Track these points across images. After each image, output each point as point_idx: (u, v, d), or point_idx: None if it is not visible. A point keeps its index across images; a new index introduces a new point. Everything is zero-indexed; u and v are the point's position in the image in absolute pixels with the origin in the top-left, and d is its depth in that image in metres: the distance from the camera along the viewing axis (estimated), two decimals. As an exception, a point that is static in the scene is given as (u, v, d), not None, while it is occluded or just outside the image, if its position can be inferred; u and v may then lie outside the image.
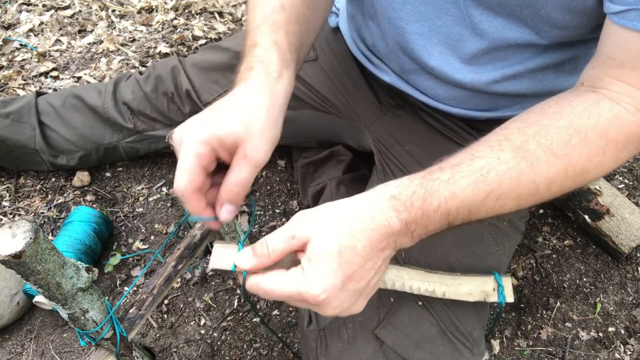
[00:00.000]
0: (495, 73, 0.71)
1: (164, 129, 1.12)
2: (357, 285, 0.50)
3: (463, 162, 0.54)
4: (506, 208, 0.55)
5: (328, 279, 0.48)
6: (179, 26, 1.71)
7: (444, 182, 0.52)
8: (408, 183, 0.53)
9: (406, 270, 0.64)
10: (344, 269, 0.49)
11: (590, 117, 0.54)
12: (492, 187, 0.52)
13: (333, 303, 0.50)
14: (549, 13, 0.59)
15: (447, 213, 0.52)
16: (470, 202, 0.52)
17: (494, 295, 0.68)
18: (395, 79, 0.83)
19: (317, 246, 0.49)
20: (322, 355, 0.70)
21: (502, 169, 0.52)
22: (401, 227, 0.51)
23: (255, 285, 0.52)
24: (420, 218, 0.52)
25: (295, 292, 0.49)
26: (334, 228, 0.49)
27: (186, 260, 0.85)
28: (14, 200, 1.21)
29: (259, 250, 0.51)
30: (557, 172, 0.53)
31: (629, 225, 1.06)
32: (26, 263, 0.53)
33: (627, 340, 1.00)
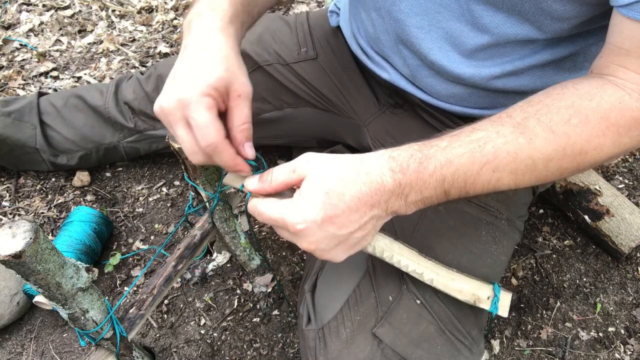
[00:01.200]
0: (495, 69, 0.71)
1: (165, 129, 1.12)
2: (337, 231, 0.53)
3: (462, 133, 0.56)
4: (503, 183, 0.56)
5: (309, 212, 0.52)
6: (179, 26, 1.72)
7: (441, 149, 0.54)
8: (407, 147, 0.55)
9: (398, 245, 0.64)
10: (327, 209, 0.52)
11: (592, 100, 0.54)
12: (488, 158, 0.54)
13: (309, 237, 0.53)
14: (551, 5, 0.60)
15: (442, 179, 0.54)
16: (466, 170, 0.54)
17: (486, 303, 0.68)
18: (394, 77, 0.83)
19: (310, 183, 0.53)
20: (321, 354, 0.70)
21: (500, 142, 0.54)
22: (394, 187, 0.53)
23: (253, 207, 0.57)
24: (415, 181, 0.54)
25: (280, 217, 0.54)
26: (329, 171, 0.53)
27: (186, 260, 0.85)
28: (14, 200, 1.21)
29: (264, 177, 0.57)
30: (555, 150, 0.54)
31: (629, 225, 1.06)
32: (26, 263, 0.53)
33: (627, 340, 1.00)
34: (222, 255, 1.11)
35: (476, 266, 0.74)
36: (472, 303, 0.67)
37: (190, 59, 0.59)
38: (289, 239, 0.57)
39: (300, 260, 1.12)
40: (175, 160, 1.30)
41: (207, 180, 0.79)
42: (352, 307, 0.71)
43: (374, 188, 0.53)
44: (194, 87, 0.55)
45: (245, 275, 1.10)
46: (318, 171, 0.54)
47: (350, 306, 0.71)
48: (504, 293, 0.69)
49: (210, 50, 0.58)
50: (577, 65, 0.72)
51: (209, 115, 0.55)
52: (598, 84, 0.56)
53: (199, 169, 0.76)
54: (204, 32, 0.60)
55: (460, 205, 0.78)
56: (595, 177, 1.14)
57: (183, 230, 1.18)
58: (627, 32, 0.54)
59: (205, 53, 0.58)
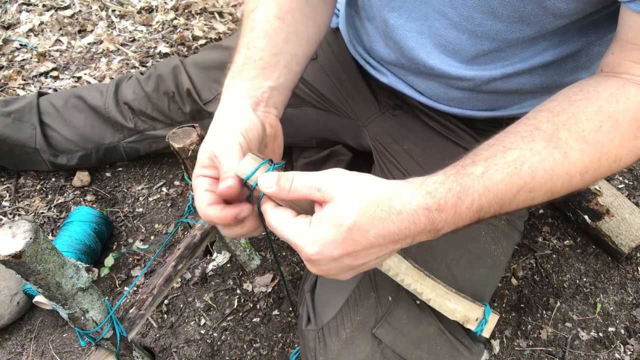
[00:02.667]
0: (495, 71, 0.71)
1: (165, 129, 1.12)
2: (353, 262, 0.50)
3: (496, 155, 0.52)
4: (537, 200, 0.54)
5: (327, 246, 0.48)
6: (179, 26, 1.72)
7: (478, 177, 0.51)
8: (444, 179, 0.51)
9: (406, 264, 0.63)
10: (347, 245, 0.48)
11: (618, 102, 0.53)
12: (525, 180, 0.51)
13: (321, 267, 0.50)
14: (554, 4, 0.59)
15: (480, 209, 0.51)
16: (503, 196, 0.51)
17: (473, 324, 0.68)
18: (393, 80, 0.83)
19: (334, 211, 0.48)
20: (321, 354, 0.70)
21: (536, 160, 0.51)
22: (426, 225, 0.50)
23: (265, 212, 0.54)
24: (452, 217, 0.51)
25: (293, 241, 0.50)
26: (358, 203, 0.48)
27: (186, 260, 0.85)
28: (14, 200, 1.21)
29: (282, 183, 0.51)
30: (591, 161, 0.52)
31: (629, 225, 1.06)
32: (26, 263, 0.53)
33: (627, 340, 1.00)
34: (222, 255, 1.11)
35: (476, 266, 0.74)
36: (461, 322, 0.68)
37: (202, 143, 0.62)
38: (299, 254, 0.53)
39: (300, 260, 1.12)
40: (175, 160, 1.30)
41: (207, 180, 0.79)
42: (351, 307, 0.71)
43: (403, 228, 0.49)
44: (195, 171, 0.60)
45: (245, 275, 1.10)
46: (346, 200, 0.48)
47: (350, 306, 0.71)
48: (492, 316, 0.70)
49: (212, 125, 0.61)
50: (580, 65, 0.71)
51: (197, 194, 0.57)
52: (619, 85, 0.54)
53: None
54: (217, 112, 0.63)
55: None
56: (595, 177, 1.14)
57: (183, 230, 1.18)
58: (638, 28, 0.53)
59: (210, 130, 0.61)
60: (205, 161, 0.59)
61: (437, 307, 0.67)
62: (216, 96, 1.05)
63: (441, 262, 0.73)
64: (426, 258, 0.72)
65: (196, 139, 0.72)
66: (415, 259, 0.72)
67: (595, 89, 0.55)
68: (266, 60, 0.67)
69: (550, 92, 0.76)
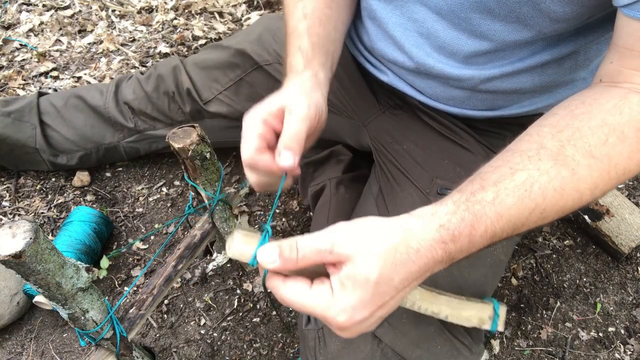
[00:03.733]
0: (494, 71, 0.71)
1: (165, 129, 1.12)
2: (383, 312, 0.48)
3: (505, 178, 0.51)
4: (548, 220, 0.52)
5: (358, 309, 0.45)
6: (179, 26, 1.72)
7: (490, 203, 0.49)
8: (454, 209, 0.49)
9: (419, 291, 0.62)
10: (376, 300, 0.46)
11: (622, 113, 0.52)
12: (536, 202, 0.50)
13: (354, 329, 0.47)
14: (549, 6, 0.59)
15: (493, 235, 0.50)
16: (516, 220, 0.50)
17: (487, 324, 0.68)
18: (393, 79, 0.83)
19: (356, 271, 0.45)
20: (321, 354, 0.70)
21: (544, 180, 0.50)
22: (443, 258, 0.49)
23: (274, 289, 0.49)
24: (467, 246, 0.49)
25: (320, 314, 0.46)
26: (377, 255, 0.45)
27: (186, 260, 0.85)
28: (14, 200, 1.21)
29: (287, 253, 0.47)
30: (600, 176, 0.51)
31: (629, 225, 1.06)
32: (26, 263, 0.53)
33: (627, 340, 1.00)
34: (222, 255, 1.11)
35: (476, 266, 0.74)
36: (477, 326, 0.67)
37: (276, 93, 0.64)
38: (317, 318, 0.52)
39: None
40: (175, 160, 1.30)
41: (207, 180, 0.79)
42: (352, 307, 0.71)
43: (422, 265, 0.47)
44: (257, 113, 0.61)
45: (245, 275, 1.10)
46: (364, 255, 0.45)
47: (350, 306, 0.71)
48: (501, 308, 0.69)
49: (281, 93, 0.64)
50: (579, 63, 0.71)
51: (250, 138, 0.60)
52: (620, 95, 0.53)
53: (199, 169, 0.76)
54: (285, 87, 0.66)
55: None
56: (595, 177, 1.14)
57: (183, 230, 1.18)
58: (637, 34, 0.53)
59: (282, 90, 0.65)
60: (275, 109, 0.61)
61: (455, 320, 0.64)
62: (216, 95, 1.05)
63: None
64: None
65: (196, 139, 0.72)
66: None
67: (597, 101, 0.54)
68: (327, 47, 0.71)
69: (549, 91, 0.76)
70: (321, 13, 0.73)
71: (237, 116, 1.05)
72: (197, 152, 0.73)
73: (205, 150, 0.74)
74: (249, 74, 1.01)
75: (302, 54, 0.69)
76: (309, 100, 0.62)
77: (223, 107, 1.05)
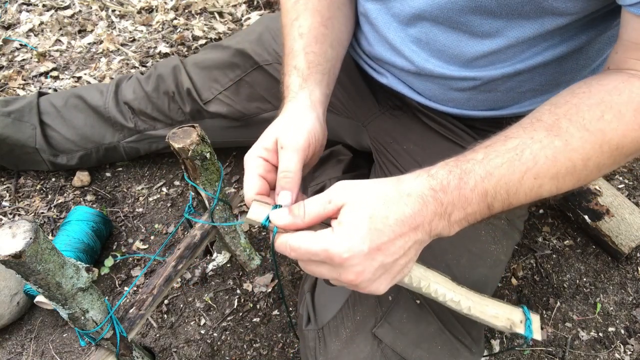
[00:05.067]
0: (495, 72, 0.71)
1: (165, 129, 1.12)
2: (385, 259, 0.51)
3: (496, 143, 0.54)
4: (545, 189, 0.54)
5: (355, 240, 0.49)
6: (179, 26, 1.72)
7: (479, 162, 0.53)
8: (443, 164, 0.54)
9: (432, 273, 0.62)
10: (373, 236, 0.49)
11: (621, 94, 0.54)
12: (527, 166, 0.52)
13: (355, 267, 0.50)
14: (551, 3, 0.60)
15: (485, 193, 0.52)
16: (507, 181, 0.52)
17: (520, 327, 0.64)
18: (392, 81, 0.83)
19: (350, 209, 0.50)
20: (321, 354, 0.70)
21: (537, 147, 0.53)
22: (436, 208, 0.51)
23: (283, 244, 0.53)
24: (458, 199, 0.52)
25: (322, 249, 0.50)
26: (369, 196, 0.51)
27: (186, 260, 0.85)
28: (14, 200, 1.21)
29: (296, 211, 0.53)
30: (592, 148, 0.53)
31: (628, 225, 1.06)
32: (26, 263, 0.53)
33: (627, 340, 1.00)
34: (222, 255, 1.11)
35: (476, 266, 0.74)
36: (508, 328, 0.64)
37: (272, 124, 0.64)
38: (329, 275, 0.53)
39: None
40: (175, 160, 1.30)
41: (207, 180, 0.79)
42: (351, 307, 0.71)
43: (416, 209, 0.51)
44: (255, 151, 0.62)
45: (245, 275, 1.10)
46: (357, 197, 0.51)
47: (350, 306, 0.71)
48: (533, 315, 0.66)
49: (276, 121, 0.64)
50: (580, 63, 0.71)
51: (251, 180, 0.60)
52: (623, 78, 0.55)
53: (199, 169, 0.76)
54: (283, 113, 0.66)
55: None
56: (595, 177, 1.14)
57: (183, 230, 1.18)
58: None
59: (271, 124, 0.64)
60: (269, 144, 0.61)
61: (478, 314, 0.63)
62: (216, 95, 1.05)
63: (441, 262, 0.73)
64: (426, 257, 0.72)
65: (196, 139, 0.72)
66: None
67: (599, 82, 0.56)
68: (323, 65, 0.71)
69: (549, 91, 0.76)
70: (317, 32, 0.73)
71: (237, 116, 1.05)
72: (197, 152, 0.73)
73: (205, 150, 0.74)
74: (249, 73, 1.02)
75: (298, 73, 0.69)
76: (301, 129, 0.62)
77: (223, 107, 1.05)
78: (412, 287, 0.61)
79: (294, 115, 0.64)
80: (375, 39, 0.80)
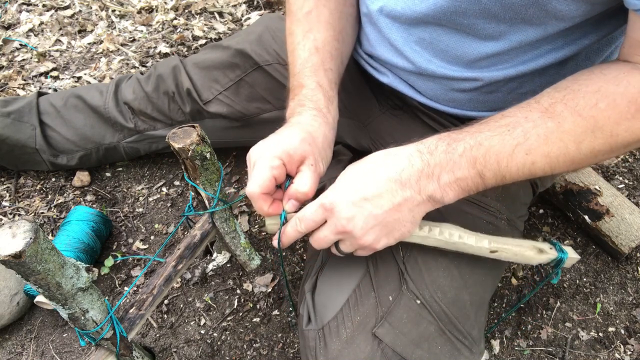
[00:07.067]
0: (497, 73, 0.71)
1: (165, 129, 1.12)
2: (374, 209, 0.56)
3: (491, 120, 0.58)
4: (538, 167, 0.57)
5: (342, 189, 0.57)
6: (179, 26, 1.72)
7: (470, 133, 0.56)
8: (435, 135, 0.59)
9: (442, 223, 0.65)
10: (359, 186, 0.56)
11: (619, 84, 0.55)
12: (518, 141, 0.55)
13: (346, 212, 0.57)
14: (555, 6, 0.60)
15: (474, 160, 0.55)
16: (497, 152, 0.55)
17: (551, 251, 0.65)
18: (393, 80, 0.83)
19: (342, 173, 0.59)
20: (321, 354, 0.70)
21: (529, 125, 0.55)
22: (423, 167, 0.56)
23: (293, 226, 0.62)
24: (445, 162, 0.55)
25: (318, 205, 0.58)
26: (359, 162, 0.59)
27: (186, 260, 0.85)
28: (14, 200, 1.21)
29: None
30: (584, 132, 0.55)
31: (628, 225, 1.06)
32: (26, 263, 0.53)
33: (627, 340, 1.00)
34: (222, 255, 1.11)
35: (476, 266, 0.74)
36: (537, 254, 0.65)
37: (288, 128, 0.66)
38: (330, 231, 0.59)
39: (301, 260, 1.12)
40: (175, 160, 1.30)
41: (207, 180, 0.79)
42: (352, 307, 0.71)
43: (401, 167, 0.56)
44: (272, 147, 0.63)
45: (245, 275, 1.10)
46: (351, 166, 0.60)
47: (350, 306, 0.71)
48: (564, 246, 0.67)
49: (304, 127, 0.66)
50: (579, 64, 0.72)
51: (264, 172, 0.61)
52: (626, 69, 0.57)
53: (199, 169, 0.76)
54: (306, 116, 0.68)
55: (460, 205, 0.78)
56: (595, 177, 1.14)
57: (183, 230, 1.18)
58: None
59: (298, 128, 0.65)
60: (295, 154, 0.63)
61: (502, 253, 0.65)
62: (216, 95, 1.04)
63: (441, 262, 0.73)
64: (426, 257, 0.72)
65: (196, 139, 0.72)
66: (415, 258, 0.72)
67: (602, 71, 0.58)
68: (335, 82, 0.75)
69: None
70: (331, 47, 0.75)
71: (237, 116, 1.05)
72: (197, 152, 0.73)
73: (205, 150, 0.74)
74: (249, 74, 1.02)
75: (323, 93, 0.71)
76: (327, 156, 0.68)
77: (223, 107, 1.05)
78: (424, 236, 0.64)
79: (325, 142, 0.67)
80: (377, 40, 0.80)
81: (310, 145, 0.64)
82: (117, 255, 1.11)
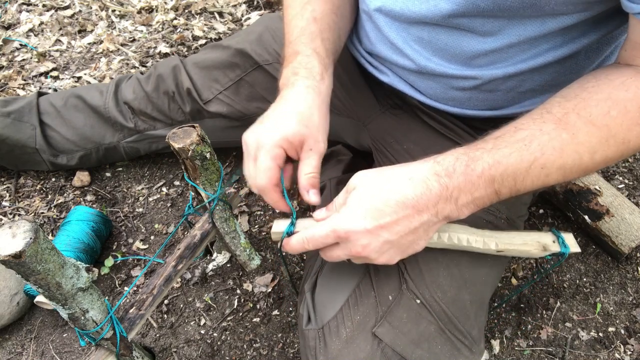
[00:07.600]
0: (496, 71, 0.72)
1: (165, 129, 1.12)
2: (390, 236, 0.55)
3: (506, 134, 0.57)
4: (552, 178, 0.56)
5: (356, 217, 0.55)
6: (179, 26, 1.72)
7: (487, 151, 0.55)
8: (452, 152, 0.57)
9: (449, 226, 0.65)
10: (374, 214, 0.54)
11: (628, 90, 0.55)
12: (535, 156, 0.54)
13: (361, 241, 0.55)
14: (553, 8, 0.61)
15: (492, 180, 0.54)
16: (515, 169, 0.55)
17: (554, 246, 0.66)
18: (393, 79, 0.83)
19: (356, 192, 0.56)
20: (321, 354, 0.70)
21: (545, 139, 0.55)
22: (441, 191, 0.54)
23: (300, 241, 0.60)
24: (464, 184, 0.54)
25: (330, 229, 0.56)
26: (373, 180, 0.56)
27: (186, 260, 0.85)
28: (14, 200, 1.21)
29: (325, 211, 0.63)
30: (599, 142, 0.55)
31: (628, 225, 1.06)
32: (26, 263, 0.53)
33: (627, 340, 1.00)
34: (222, 255, 1.11)
35: (476, 266, 0.74)
36: (542, 251, 0.66)
37: (282, 108, 0.65)
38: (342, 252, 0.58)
39: (301, 260, 1.12)
40: (175, 160, 1.30)
41: (207, 180, 0.79)
42: (352, 306, 0.71)
43: (419, 192, 0.54)
44: (271, 136, 0.62)
45: (245, 275, 1.10)
46: (364, 182, 0.57)
47: (350, 306, 0.71)
48: (565, 234, 0.68)
49: (298, 107, 0.64)
50: (579, 63, 0.72)
51: (268, 163, 0.61)
52: (631, 74, 0.57)
53: (199, 169, 0.76)
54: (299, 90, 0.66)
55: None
56: (595, 177, 1.14)
57: (183, 230, 1.18)
58: None
59: (293, 108, 0.64)
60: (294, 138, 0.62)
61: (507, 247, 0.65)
62: (216, 95, 1.05)
63: (441, 262, 0.73)
64: (426, 258, 0.72)
65: (196, 139, 0.72)
66: (415, 257, 0.72)
67: (608, 77, 0.58)
68: (334, 56, 0.73)
69: (549, 91, 0.76)
70: (329, 19, 0.74)
71: (237, 116, 1.05)
72: (197, 152, 0.73)
73: (205, 150, 0.74)
74: (249, 73, 1.02)
75: (319, 59, 0.70)
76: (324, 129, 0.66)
77: (223, 107, 1.05)
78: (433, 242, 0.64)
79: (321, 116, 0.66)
80: (377, 38, 0.80)
81: (307, 126, 0.63)
82: (117, 256, 1.11)
